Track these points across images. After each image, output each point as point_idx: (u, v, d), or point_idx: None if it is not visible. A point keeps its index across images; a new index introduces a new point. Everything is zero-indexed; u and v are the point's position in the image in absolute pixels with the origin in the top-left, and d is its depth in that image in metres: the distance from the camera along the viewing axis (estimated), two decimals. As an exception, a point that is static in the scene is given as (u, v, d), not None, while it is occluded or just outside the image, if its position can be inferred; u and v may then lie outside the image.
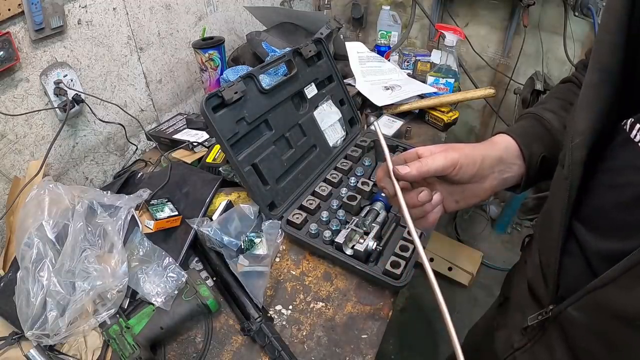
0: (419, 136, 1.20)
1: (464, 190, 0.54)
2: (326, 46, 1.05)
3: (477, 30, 1.80)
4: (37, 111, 0.85)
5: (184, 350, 0.68)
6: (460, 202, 0.55)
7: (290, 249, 0.85)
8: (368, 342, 0.68)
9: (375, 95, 1.24)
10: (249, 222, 0.82)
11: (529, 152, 0.55)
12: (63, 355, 0.65)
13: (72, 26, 0.88)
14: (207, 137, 1.06)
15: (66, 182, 0.97)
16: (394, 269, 0.73)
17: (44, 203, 0.71)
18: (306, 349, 0.68)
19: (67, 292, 0.65)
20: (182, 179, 0.91)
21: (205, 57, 1.17)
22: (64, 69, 0.87)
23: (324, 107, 1.04)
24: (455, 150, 0.51)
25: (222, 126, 0.79)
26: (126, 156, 1.13)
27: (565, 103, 0.61)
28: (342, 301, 0.74)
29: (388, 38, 1.65)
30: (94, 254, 0.69)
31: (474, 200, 0.56)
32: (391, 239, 0.82)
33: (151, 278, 0.70)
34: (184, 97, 1.29)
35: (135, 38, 1.05)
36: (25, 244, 0.67)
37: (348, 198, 0.88)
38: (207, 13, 1.29)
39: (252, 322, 0.68)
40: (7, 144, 0.82)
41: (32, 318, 0.62)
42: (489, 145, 0.56)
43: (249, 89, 0.85)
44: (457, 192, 0.54)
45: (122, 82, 1.05)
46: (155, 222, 0.78)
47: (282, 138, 0.93)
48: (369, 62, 1.37)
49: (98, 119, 0.98)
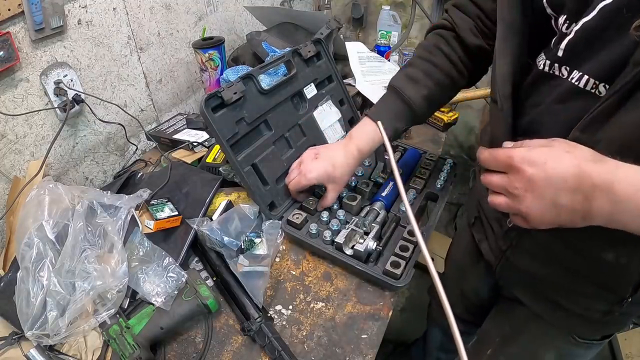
0: (419, 136, 1.20)
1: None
2: (325, 46, 1.05)
3: (477, 30, 1.79)
4: (37, 111, 0.85)
5: (184, 350, 0.68)
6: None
7: (290, 249, 0.85)
8: (368, 342, 0.68)
9: (375, 95, 1.24)
10: (249, 222, 0.82)
11: (394, 128, 0.74)
12: (63, 355, 0.65)
13: (72, 26, 0.88)
14: (207, 137, 1.06)
15: (66, 182, 0.97)
16: (394, 269, 0.73)
17: (44, 203, 0.71)
18: (306, 349, 0.68)
19: (67, 292, 0.65)
20: (182, 179, 0.91)
21: (205, 57, 1.17)
22: (64, 69, 0.87)
23: (323, 107, 1.04)
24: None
25: (222, 126, 0.79)
26: (126, 156, 1.13)
27: (430, 66, 0.76)
28: (342, 301, 0.74)
29: (388, 38, 1.65)
30: (94, 254, 0.69)
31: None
32: (391, 239, 0.82)
33: (151, 278, 0.70)
34: (184, 97, 1.29)
35: (135, 38, 1.05)
36: (25, 244, 0.67)
37: (348, 198, 0.88)
38: (207, 13, 1.29)
39: (252, 322, 0.68)
40: (7, 144, 0.82)
41: (32, 318, 0.62)
42: (345, 149, 0.79)
43: (248, 89, 0.85)
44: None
45: (122, 82, 1.05)
46: (155, 222, 0.78)
47: (282, 138, 0.93)
48: (369, 62, 1.37)
49: (98, 119, 0.98)
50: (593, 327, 0.70)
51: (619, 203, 0.39)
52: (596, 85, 0.48)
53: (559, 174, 0.41)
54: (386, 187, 0.89)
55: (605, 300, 0.63)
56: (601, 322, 0.67)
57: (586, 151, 0.42)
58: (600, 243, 0.56)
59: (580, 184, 0.41)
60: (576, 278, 0.63)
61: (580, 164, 0.41)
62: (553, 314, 0.71)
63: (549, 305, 0.71)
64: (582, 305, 0.66)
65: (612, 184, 0.39)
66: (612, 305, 0.62)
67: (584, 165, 0.41)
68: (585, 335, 0.72)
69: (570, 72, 0.51)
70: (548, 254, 0.64)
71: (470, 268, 0.94)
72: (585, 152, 0.42)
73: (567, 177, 0.41)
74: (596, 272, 0.60)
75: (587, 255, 0.59)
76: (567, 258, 0.62)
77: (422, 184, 0.93)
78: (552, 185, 0.42)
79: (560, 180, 0.41)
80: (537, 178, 0.42)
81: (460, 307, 1.04)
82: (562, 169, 0.41)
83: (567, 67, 0.51)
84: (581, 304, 0.66)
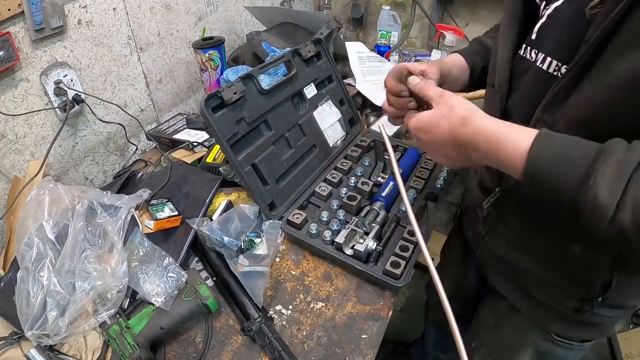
0: (419, 136, 1.20)
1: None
2: (325, 46, 1.05)
3: (477, 30, 1.78)
4: (37, 111, 0.85)
5: (184, 350, 0.68)
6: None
7: (290, 249, 0.85)
8: (368, 342, 0.68)
9: (375, 95, 1.24)
10: (249, 222, 0.82)
11: (472, 62, 0.77)
12: (63, 355, 0.65)
13: (72, 26, 0.88)
14: (207, 137, 1.06)
15: (66, 182, 0.97)
16: (394, 269, 0.73)
17: (44, 203, 0.71)
18: (306, 349, 0.68)
19: (67, 292, 0.65)
20: (182, 179, 0.91)
21: (205, 57, 1.17)
22: (64, 69, 0.87)
23: (323, 107, 1.04)
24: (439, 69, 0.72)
25: (222, 126, 0.79)
26: (126, 156, 1.13)
27: (492, 39, 0.81)
28: (342, 301, 0.74)
29: (388, 38, 1.65)
30: (94, 254, 0.69)
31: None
32: (391, 239, 0.82)
33: (151, 278, 0.70)
34: (184, 97, 1.29)
35: (135, 38, 1.05)
36: (25, 244, 0.67)
37: (348, 198, 0.88)
38: (207, 13, 1.29)
39: (252, 322, 0.68)
40: (7, 144, 0.82)
41: (32, 318, 0.62)
42: (447, 61, 0.77)
43: (248, 89, 0.85)
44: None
45: (122, 82, 1.05)
46: (155, 222, 0.78)
47: (282, 138, 0.93)
48: (369, 62, 1.37)
49: (98, 119, 0.98)
50: (567, 325, 0.71)
51: (484, 152, 0.51)
52: (558, 68, 0.53)
53: (440, 138, 0.55)
54: (386, 187, 0.89)
55: (575, 296, 0.64)
56: (575, 321, 0.68)
57: (457, 115, 0.53)
58: (567, 233, 0.58)
59: (455, 143, 0.54)
60: (547, 268, 0.65)
61: (452, 129, 0.53)
62: (528, 306, 0.73)
63: (524, 297, 0.72)
64: (554, 298, 0.67)
65: (475, 141, 0.51)
66: (582, 303, 0.63)
67: (454, 129, 0.53)
68: (562, 334, 0.73)
69: (537, 54, 0.56)
70: (521, 240, 0.67)
71: (460, 260, 0.96)
72: (457, 115, 0.53)
73: (446, 139, 0.54)
74: (565, 263, 0.62)
75: (556, 245, 0.61)
76: (538, 246, 0.65)
77: (422, 184, 0.93)
78: (438, 144, 0.56)
79: (442, 141, 0.55)
80: (427, 141, 0.57)
81: (457, 302, 1.04)
82: (440, 133, 0.54)
83: (536, 50, 0.57)
84: (553, 297, 0.67)
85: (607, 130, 0.45)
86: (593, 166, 0.41)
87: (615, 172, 0.40)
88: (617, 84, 0.44)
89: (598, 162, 0.41)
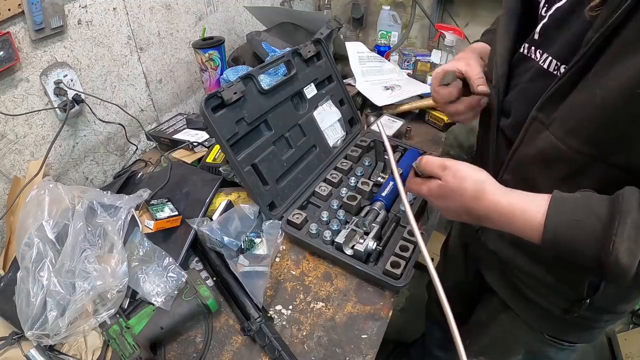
0: (419, 136, 1.20)
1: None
2: (325, 46, 1.05)
3: (477, 30, 1.78)
4: (37, 111, 0.85)
5: (184, 350, 0.68)
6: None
7: (290, 249, 0.85)
8: (368, 342, 0.68)
9: (375, 95, 1.24)
10: (249, 222, 0.82)
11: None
12: (63, 355, 0.65)
13: (72, 26, 0.88)
14: (207, 137, 1.06)
15: (66, 182, 0.97)
16: (394, 269, 0.73)
17: (44, 203, 0.71)
18: (306, 349, 0.68)
19: (67, 292, 0.65)
20: (182, 179, 0.91)
21: (205, 57, 1.17)
22: (64, 69, 0.87)
23: (323, 107, 1.04)
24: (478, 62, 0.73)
25: (222, 126, 0.79)
26: (126, 156, 1.13)
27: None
28: (342, 301, 0.74)
29: (388, 38, 1.65)
30: (94, 254, 0.69)
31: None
32: (391, 239, 0.82)
33: (151, 278, 0.70)
34: (184, 97, 1.29)
35: (135, 38, 1.05)
36: (25, 244, 0.67)
37: (348, 198, 0.88)
38: (207, 13, 1.29)
39: (252, 322, 0.68)
40: (7, 144, 0.82)
41: (32, 318, 0.62)
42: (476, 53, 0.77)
43: (248, 89, 0.85)
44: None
45: (122, 82, 1.05)
46: (155, 222, 0.78)
47: (282, 138, 0.93)
48: (369, 62, 1.37)
49: (98, 119, 0.98)
50: (558, 325, 0.71)
51: (499, 225, 0.54)
52: (558, 67, 0.54)
53: (453, 208, 0.57)
54: (386, 187, 0.89)
55: (564, 296, 0.65)
56: (565, 322, 0.68)
57: (469, 190, 0.54)
58: None
59: (469, 214, 0.56)
60: (537, 265, 0.65)
61: (465, 204, 0.55)
62: (518, 304, 0.74)
63: (515, 293, 0.73)
64: (544, 297, 0.68)
65: (490, 216, 0.53)
66: (571, 304, 0.64)
67: (467, 204, 0.54)
68: (553, 334, 0.73)
69: (541, 54, 0.57)
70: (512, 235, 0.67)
71: (460, 260, 0.97)
72: (468, 191, 0.54)
73: (459, 211, 0.56)
74: (554, 261, 0.63)
75: None
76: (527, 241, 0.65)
77: (422, 184, 0.93)
78: (453, 212, 0.58)
79: (456, 211, 0.57)
80: (441, 207, 0.59)
81: (457, 301, 1.05)
82: (454, 205, 0.57)
83: (540, 49, 0.57)
84: (543, 296, 0.68)
85: (601, 132, 0.47)
86: (610, 229, 0.43)
87: (633, 237, 0.42)
88: (615, 86, 0.44)
89: (614, 225, 0.43)
